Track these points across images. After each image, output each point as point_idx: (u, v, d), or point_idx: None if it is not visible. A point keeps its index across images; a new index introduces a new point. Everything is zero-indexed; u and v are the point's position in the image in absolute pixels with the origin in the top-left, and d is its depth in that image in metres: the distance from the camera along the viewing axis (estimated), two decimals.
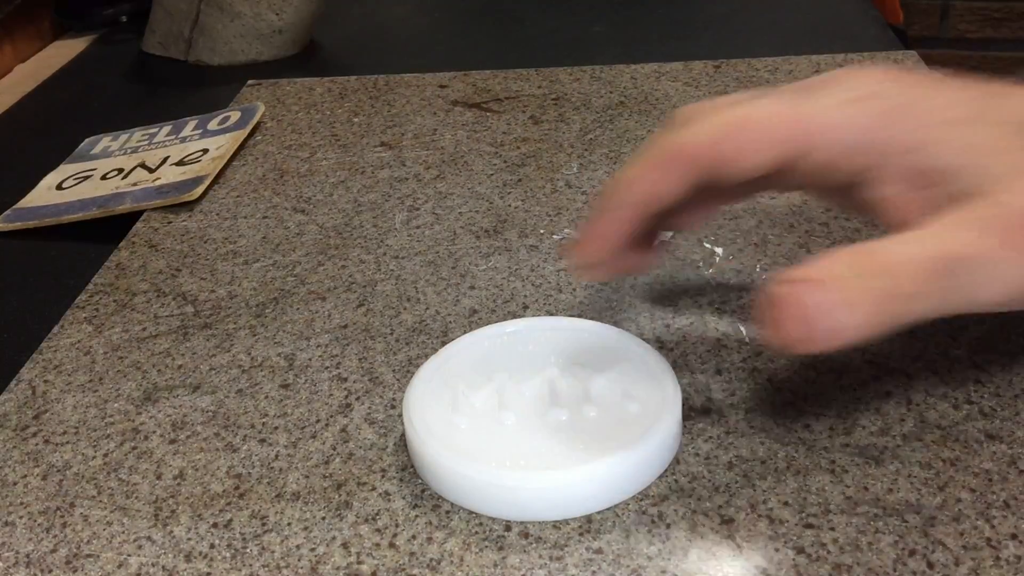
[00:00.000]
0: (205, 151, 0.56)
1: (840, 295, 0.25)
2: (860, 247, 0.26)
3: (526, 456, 0.30)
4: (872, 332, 0.25)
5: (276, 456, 0.34)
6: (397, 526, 0.30)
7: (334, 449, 0.34)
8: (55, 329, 0.42)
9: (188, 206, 0.51)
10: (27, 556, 0.30)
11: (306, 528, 0.31)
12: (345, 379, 0.37)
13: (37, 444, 0.35)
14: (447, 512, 0.31)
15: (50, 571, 0.30)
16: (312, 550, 0.30)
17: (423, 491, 0.32)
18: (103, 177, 0.56)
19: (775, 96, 0.30)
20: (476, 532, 0.30)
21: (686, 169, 0.29)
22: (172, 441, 0.35)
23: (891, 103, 0.28)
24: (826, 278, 0.25)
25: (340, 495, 0.32)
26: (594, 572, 0.28)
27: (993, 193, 0.25)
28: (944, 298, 0.25)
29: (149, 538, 0.31)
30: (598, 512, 0.30)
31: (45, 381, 0.39)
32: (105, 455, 0.34)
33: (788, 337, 0.25)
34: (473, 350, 0.35)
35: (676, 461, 0.32)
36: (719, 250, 0.43)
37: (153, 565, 0.30)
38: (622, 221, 0.31)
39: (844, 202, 0.33)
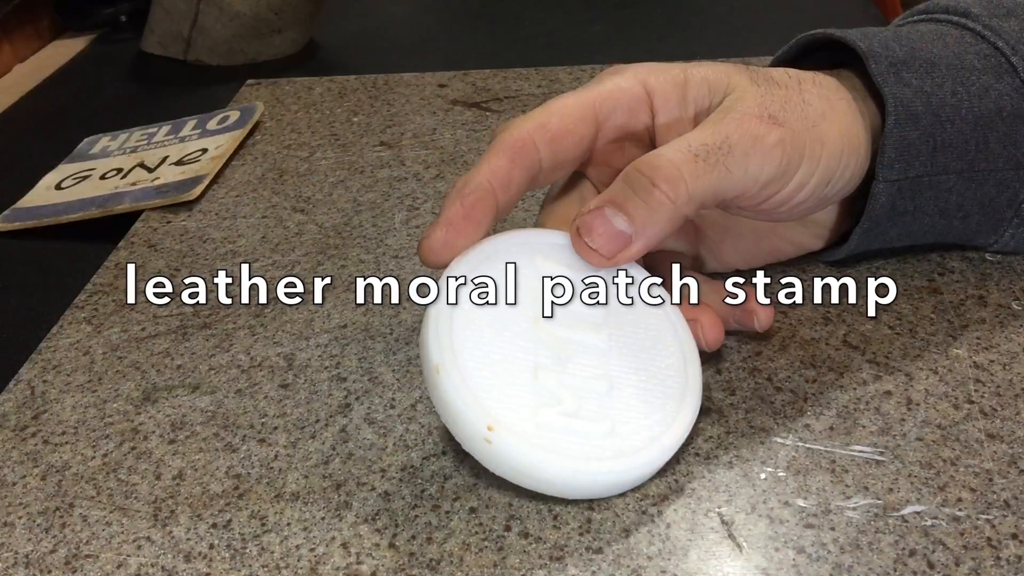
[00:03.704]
0: (204, 151, 0.56)
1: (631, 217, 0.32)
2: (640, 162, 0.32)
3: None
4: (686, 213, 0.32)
5: (275, 456, 0.34)
6: (397, 526, 0.30)
7: (334, 449, 0.34)
8: (54, 329, 0.42)
9: (187, 206, 0.51)
10: (26, 556, 0.30)
11: (306, 528, 0.31)
12: (345, 379, 0.37)
13: (36, 444, 0.35)
14: (447, 512, 0.31)
15: (49, 571, 0.30)
16: (312, 550, 0.30)
17: (423, 491, 0.32)
18: (102, 177, 0.56)
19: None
20: (476, 532, 0.30)
21: (520, 153, 0.33)
22: (171, 441, 0.35)
23: (652, 64, 0.36)
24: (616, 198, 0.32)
25: (340, 495, 0.32)
26: (594, 572, 0.28)
27: (738, 101, 0.33)
28: (721, 174, 0.32)
29: (148, 538, 0.31)
30: (598, 513, 0.30)
31: (44, 381, 0.39)
32: (104, 455, 0.34)
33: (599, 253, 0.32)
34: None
35: (676, 461, 0.32)
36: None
37: (152, 565, 0.30)
38: (473, 206, 0.33)
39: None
